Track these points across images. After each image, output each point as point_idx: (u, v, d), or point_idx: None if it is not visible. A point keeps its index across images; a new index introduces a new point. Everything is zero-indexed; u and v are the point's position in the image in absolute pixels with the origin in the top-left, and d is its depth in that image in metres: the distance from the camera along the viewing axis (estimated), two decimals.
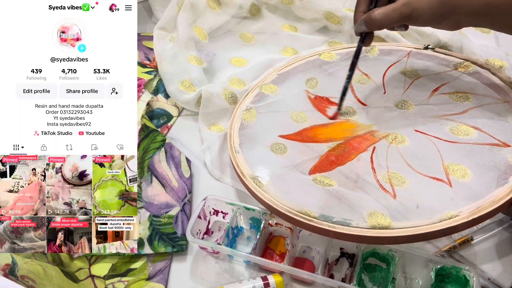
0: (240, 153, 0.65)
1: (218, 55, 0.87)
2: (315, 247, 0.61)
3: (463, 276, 0.54)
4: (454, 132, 0.62)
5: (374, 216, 0.54)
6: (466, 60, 0.72)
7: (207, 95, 0.74)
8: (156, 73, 0.84)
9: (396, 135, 0.64)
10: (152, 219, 0.65)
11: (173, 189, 0.68)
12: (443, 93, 0.68)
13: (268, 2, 0.91)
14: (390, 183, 0.58)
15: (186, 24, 0.85)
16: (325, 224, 0.54)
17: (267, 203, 0.58)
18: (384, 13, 0.58)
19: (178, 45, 0.83)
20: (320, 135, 0.66)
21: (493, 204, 0.52)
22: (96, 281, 0.60)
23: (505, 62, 0.75)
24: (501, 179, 0.55)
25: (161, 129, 0.76)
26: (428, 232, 0.51)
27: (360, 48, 0.65)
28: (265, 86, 0.76)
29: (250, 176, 0.62)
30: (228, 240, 0.61)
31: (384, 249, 0.56)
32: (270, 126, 0.69)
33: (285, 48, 0.87)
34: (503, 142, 0.59)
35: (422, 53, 0.75)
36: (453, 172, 0.57)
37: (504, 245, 0.60)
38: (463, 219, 0.52)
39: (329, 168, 0.61)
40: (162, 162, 0.70)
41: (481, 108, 0.64)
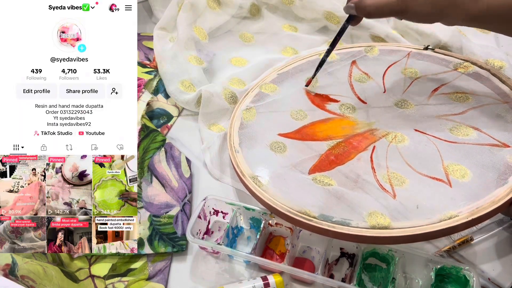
0: (239, 153, 0.65)
1: (218, 55, 0.87)
2: (315, 247, 0.61)
3: (463, 276, 0.54)
4: (454, 132, 0.62)
5: (374, 216, 0.54)
6: (466, 60, 0.72)
7: (207, 95, 0.74)
8: (156, 73, 0.84)
9: (396, 134, 0.64)
10: (152, 219, 0.65)
11: (173, 189, 0.68)
12: (443, 93, 0.68)
13: (268, 2, 0.91)
14: (390, 183, 0.58)
15: (186, 24, 0.85)
16: (324, 224, 0.54)
17: (267, 202, 0.58)
18: (376, 4, 0.58)
19: (178, 45, 0.83)
20: (320, 133, 0.66)
21: (493, 205, 0.52)
22: (96, 281, 0.60)
23: (504, 63, 0.75)
24: (501, 180, 0.55)
25: (161, 129, 0.76)
26: (427, 232, 0.51)
27: (346, 27, 0.66)
28: (265, 85, 0.76)
29: (249, 175, 0.62)
30: (228, 240, 0.61)
31: (384, 249, 0.56)
32: (270, 125, 0.69)
33: (285, 48, 0.87)
34: (502, 143, 0.59)
35: (422, 54, 0.75)
36: (453, 172, 0.57)
37: (504, 245, 0.60)
38: (462, 219, 0.52)
39: (329, 168, 0.61)
40: (162, 162, 0.70)
41: (481, 108, 0.65)
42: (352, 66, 0.76)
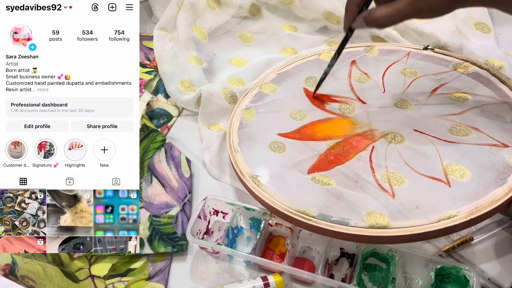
0: (239, 152, 0.65)
1: (218, 55, 0.87)
2: (315, 247, 0.61)
3: (463, 276, 0.54)
4: (453, 132, 0.62)
5: (373, 216, 0.54)
6: (466, 60, 0.72)
7: (206, 95, 0.75)
8: (156, 73, 0.84)
9: (395, 134, 0.64)
10: (152, 219, 0.65)
11: (173, 189, 0.68)
12: (442, 93, 0.68)
13: (268, 2, 0.91)
14: (389, 183, 0.58)
15: (186, 24, 0.85)
16: (323, 223, 0.54)
17: (266, 202, 0.58)
18: (388, 15, 0.55)
19: (178, 45, 0.83)
20: (319, 133, 0.66)
21: (492, 204, 0.52)
22: (96, 281, 0.60)
23: (504, 63, 0.75)
24: (500, 179, 0.55)
25: (161, 129, 0.77)
26: (426, 232, 0.51)
27: (348, 39, 0.64)
28: (264, 85, 0.76)
29: (249, 175, 0.62)
30: (228, 240, 0.61)
31: (384, 249, 0.56)
32: (270, 125, 0.69)
33: (284, 48, 0.87)
34: (501, 143, 0.59)
35: (422, 54, 0.75)
36: (452, 172, 0.57)
37: (504, 245, 0.60)
38: (461, 219, 0.52)
39: (328, 167, 0.61)
40: (162, 162, 0.70)
41: (480, 108, 0.65)
42: (351, 66, 0.76)
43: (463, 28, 0.83)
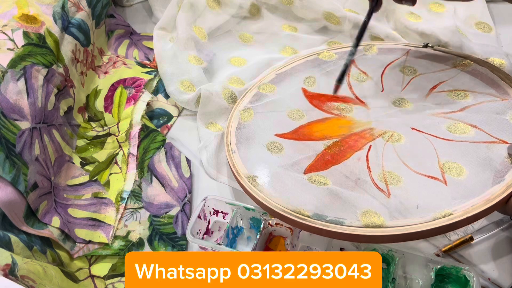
0: (236, 153, 0.65)
1: (217, 54, 0.87)
2: (315, 247, 0.61)
3: (463, 276, 0.54)
4: (451, 130, 0.62)
5: (368, 215, 0.54)
6: (465, 58, 0.72)
7: (206, 94, 0.75)
8: (156, 73, 0.84)
9: (393, 133, 0.64)
10: (152, 219, 0.65)
11: (173, 189, 0.68)
12: (441, 91, 0.68)
13: (268, 2, 0.91)
14: (385, 182, 0.58)
15: (185, 24, 0.85)
16: (318, 223, 0.54)
17: (262, 202, 0.58)
18: None
19: (178, 45, 0.83)
20: (316, 132, 0.66)
21: (488, 202, 0.52)
22: (96, 281, 0.60)
23: (504, 61, 0.74)
24: (497, 177, 0.55)
25: (161, 129, 0.77)
26: (422, 230, 0.51)
27: (370, 18, 0.64)
28: (263, 86, 0.76)
29: (245, 175, 0.62)
30: (228, 240, 0.61)
31: (384, 249, 0.56)
32: (267, 125, 0.69)
33: (284, 48, 0.87)
34: (500, 140, 0.59)
35: (421, 51, 0.75)
36: (448, 170, 0.57)
37: (504, 245, 0.59)
38: (457, 218, 0.51)
39: (325, 167, 0.61)
40: (162, 162, 0.71)
41: (479, 106, 0.64)
42: (350, 65, 0.76)
43: (464, 28, 0.82)
